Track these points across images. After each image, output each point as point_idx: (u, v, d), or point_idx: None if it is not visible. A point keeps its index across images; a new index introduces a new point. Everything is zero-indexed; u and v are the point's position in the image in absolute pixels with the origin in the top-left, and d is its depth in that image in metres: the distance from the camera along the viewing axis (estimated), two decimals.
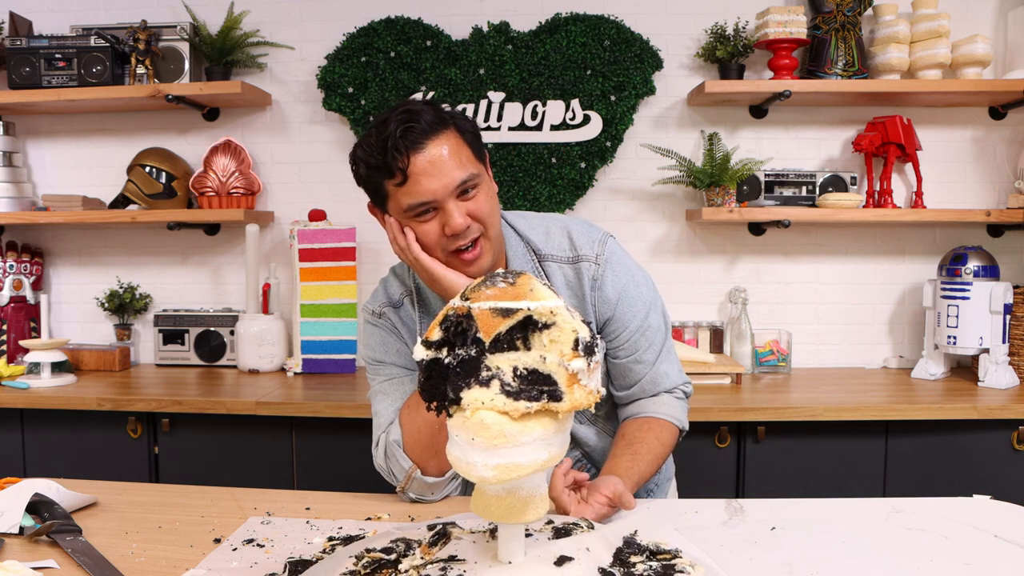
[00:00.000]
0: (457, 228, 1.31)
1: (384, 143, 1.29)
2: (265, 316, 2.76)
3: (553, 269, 1.46)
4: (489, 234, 1.36)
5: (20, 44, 2.73)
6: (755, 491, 2.28)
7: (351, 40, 2.79)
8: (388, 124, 1.30)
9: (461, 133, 1.34)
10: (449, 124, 1.33)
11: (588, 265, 1.45)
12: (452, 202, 1.31)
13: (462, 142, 1.34)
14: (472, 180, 1.32)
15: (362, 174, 1.36)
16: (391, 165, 1.29)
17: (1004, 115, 2.77)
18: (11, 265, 2.85)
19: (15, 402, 2.39)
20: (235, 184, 2.80)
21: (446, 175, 1.30)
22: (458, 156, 1.31)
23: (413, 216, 1.33)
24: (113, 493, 1.35)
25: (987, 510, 1.27)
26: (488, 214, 1.35)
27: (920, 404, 2.27)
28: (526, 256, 1.46)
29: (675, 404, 1.49)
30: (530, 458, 0.88)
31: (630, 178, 2.84)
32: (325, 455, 2.34)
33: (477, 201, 1.33)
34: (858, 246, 2.85)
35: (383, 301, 1.50)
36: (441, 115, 1.33)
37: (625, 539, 1.07)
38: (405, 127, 1.29)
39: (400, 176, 1.30)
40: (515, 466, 0.88)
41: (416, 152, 1.29)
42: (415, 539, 1.07)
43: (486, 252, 1.37)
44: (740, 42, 2.66)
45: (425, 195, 1.30)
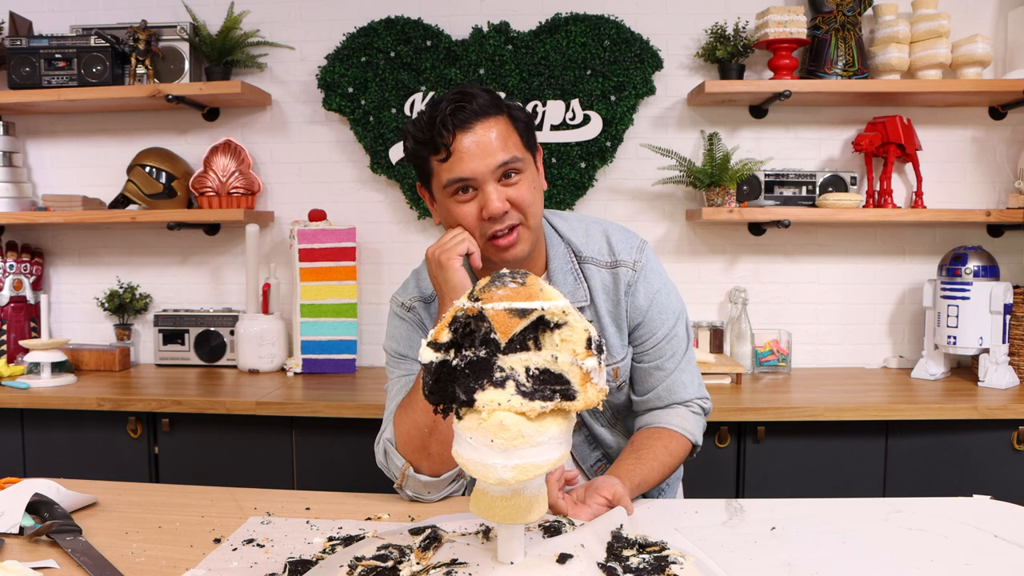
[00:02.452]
0: (494, 211, 1.31)
1: (433, 119, 1.31)
2: (265, 316, 2.76)
3: (592, 272, 1.47)
4: (528, 223, 1.36)
5: (20, 44, 2.73)
6: (755, 491, 2.28)
7: (351, 40, 2.79)
8: (441, 103, 1.32)
9: (513, 121, 1.35)
10: (503, 111, 1.34)
11: (625, 271, 1.47)
12: (492, 184, 1.31)
13: (512, 129, 1.35)
14: (515, 164, 1.32)
15: (409, 148, 1.37)
16: (437, 141, 1.31)
17: (1004, 115, 2.77)
18: (11, 265, 2.85)
19: (15, 402, 2.39)
20: (235, 184, 2.80)
21: (489, 156, 1.30)
22: (504, 140, 1.32)
23: (452, 194, 1.34)
24: (113, 493, 1.35)
25: (987, 510, 1.27)
26: (529, 203, 1.34)
27: (920, 404, 2.27)
28: (567, 256, 1.47)
29: (689, 417, 1.49)
30: (545, 457, 0.88)
31: (630, 178, 2.84)
32: (325, 455, 2.34)
33: (519, 188, 1.33)
34: (858, 246, 2.85)
35: (415, 295, 1.49)
36: (496, 101, 1.34)
37: (613, 534, 1.08)
38: (456, 106, 1.30)
39: (444, 152, 1.31)
40: (532, 466, 0.88)
41: (463, 131, 1.30)
42: (404, 544, 1.06)
43: (523, 241, 1.36)
44: (740, 42, 2.66)
45: (465, 171, 1.31)
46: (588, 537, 1.05)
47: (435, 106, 1.32)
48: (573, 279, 1.45)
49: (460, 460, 0.91)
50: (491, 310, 0.89)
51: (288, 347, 2.82)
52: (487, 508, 0.94)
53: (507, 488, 0.91)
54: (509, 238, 1.34)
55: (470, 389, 0.89)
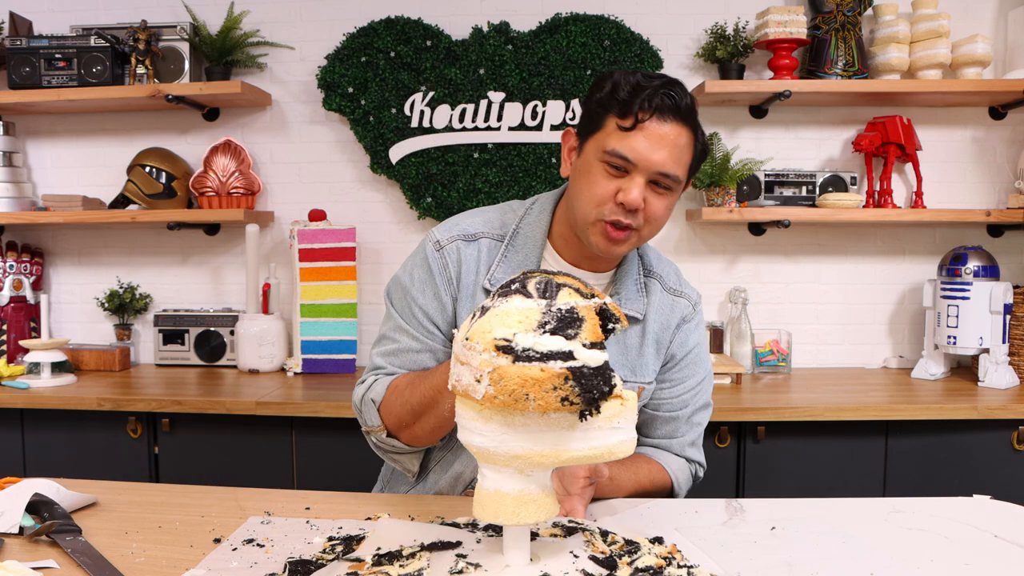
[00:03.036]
0: (632, 202, 1.27)
1: (643, 88, 1.26)
2: (265, 316, 2.76)
3: (655, 288, 1.46)
4: (643, 234, 1.33)
5: (20, 44, 2.73)
6: (755, 491, 2.28)
7: (351, 40, 2.79)
8: (654, 79, 1.27)
9: (696, 142, 1.32)
10: (695, 130, 1.31)
11: (685, 304, 1.47)
12: (643, 178, 1.28)
13: (691, 148, 1.31)
14: (672, 181, 1.29)
15: (602, 94, 1.30)
16: (632, 107, 1.26)
17: (1004, 115, 2.77)
18: (11, 265, 2.85)
19: (15, 402, 2.39)
20: (235, 184, 2.80)
21: (661, 155, 1.26)
22: (681, 153, 1.29)
23: (605, 161, 1.29)
24: (113, 493, 1.35)
25: (987, 510, 1.27)
26: (656, 219, 1.32)
27: (920, 404, 2.27)
28: (637, 267, 1.46)
29: (685, 470, 1.49)
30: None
31: None
32: (325, 455, 2.34)
33: (660, 201, 1.31)
34: (858, 246, 2.85)
35: (456, 233, 1.42)
36: (695, 117, 1.31)
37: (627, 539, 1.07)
38: (669, 93, 1.26)
39: (631, 121, 1.26)
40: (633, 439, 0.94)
41: (660, 118, 1.26)
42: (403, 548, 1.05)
43: (630, 243, 1.33)
44: (740, 42, 2.66)
45: (634, 154, 1.26)
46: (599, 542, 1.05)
47: (648, 77, 1.27)
48: (636, 290, 1.44)
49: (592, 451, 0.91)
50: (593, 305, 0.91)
51: (288, 347, 2.82)
52: (491, 510, 0.94)
53: (513, 488, 0.92)
54: (622, 233, 1.31)
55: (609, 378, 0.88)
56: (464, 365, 0.89)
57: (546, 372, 0.84)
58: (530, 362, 0.84)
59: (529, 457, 0.90)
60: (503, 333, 0.86)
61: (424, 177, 2.80)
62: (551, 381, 0.84)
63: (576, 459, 0.91)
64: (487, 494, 0.94)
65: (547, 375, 0.84)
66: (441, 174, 2.80)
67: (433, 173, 2.80)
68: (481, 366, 0.86)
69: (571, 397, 0.85)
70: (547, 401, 0.85)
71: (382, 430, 1.37)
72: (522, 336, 0.86)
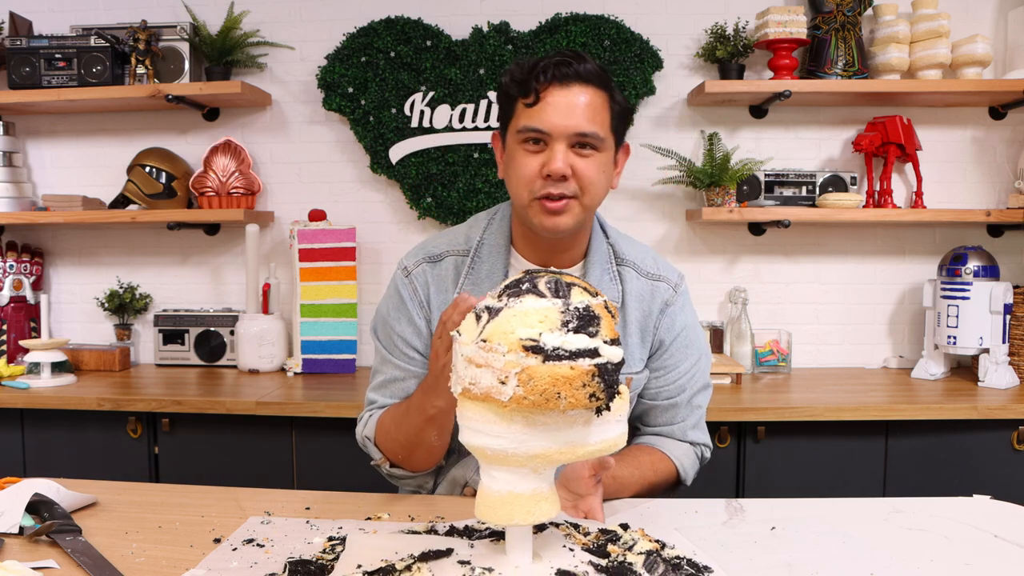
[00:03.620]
0: (556, 170, 1.27)
1: (536, 64, 1.29)
2: (265, 316, 2.76)
3: (630, 276, 1.45)
4: (584, 200, 1.32)
5: (20, 44, 2.73)
6: (755, 491, 2.28)
7: (351, 40, 2.79)
8: (554, 55, 1.30)
9: (611, 102, 1.32)
10: (607, 89, 1.32)
11: (665, 288, 1.46)
12: (562, 145, 1.28)
13: (606, 108, 1.31)
14: (593, 140, 1.29)
15: (503, 84, 1.34)
16: (531, 84, 1.28)
17: (1004, 115, 2.77)
18: (11, 265, 2.85)
19: (15, 402, 2.39)
20: (235, 184, 2.80)
21: (573, 118, 1.27)
22: (594, 112, 1.29)
23: (522, 140, 1.30)
24: (113, 493, 1.35)
25: (987, 510, 1.27)
26: (591, 182, 1.30)
27: (920, 404, 2.27)
28: (607, 254, 1.45)
29: (689, 455, 1.48)
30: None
31: (630, 178, 2.84)
32: (325, 455, 2.34)
33: (588, 163, 1.30)
34: (858, 246, 2.85)
35: (421, 256, 1.45)
36: (604, 77, 1.31)
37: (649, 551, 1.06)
38: (563, 59, 1.28)
39: (533, 97, 1.28)
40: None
41: (559, 85, 1.28)
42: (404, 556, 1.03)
43: (572, 214, 1.32)
44: (740, 42, 2.66)
45: (542, 123, 1.27)
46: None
47: (545, 57, 1.30)
48: (609, 278, 1.43)
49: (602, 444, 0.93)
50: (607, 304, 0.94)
51: (288, 347, 2.82)
52: (505, 511, 0.93)
53: (515, 488, 0.93)
54: (559, 203, 1.30)
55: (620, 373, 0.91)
56: (483, 367, 0.88)
57: (576, 370, 0.85)
58: (560, 361, 0.85)
59: (548, 455, 0.90)
60: (528, 333, 0.86)
61: (424, 177, 2.80)
62: (580, 379, 0.85)
63: (588, 454, 0.92)
64: (498, 496, 0.93)
65: (577, 373, 0.85)
66: (441, 174, 2.80)
67: (433, 173, 2.80)
68: (507, 367, 0.86)
69: (597, 393, 0.86)
70: (577, 398, 0.86)
71: (385, 462, 1.40)
72: (549, 335, 0.86)
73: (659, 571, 0.98)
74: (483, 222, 1.47)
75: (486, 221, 1.47)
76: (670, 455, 1.45)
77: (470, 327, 0.93)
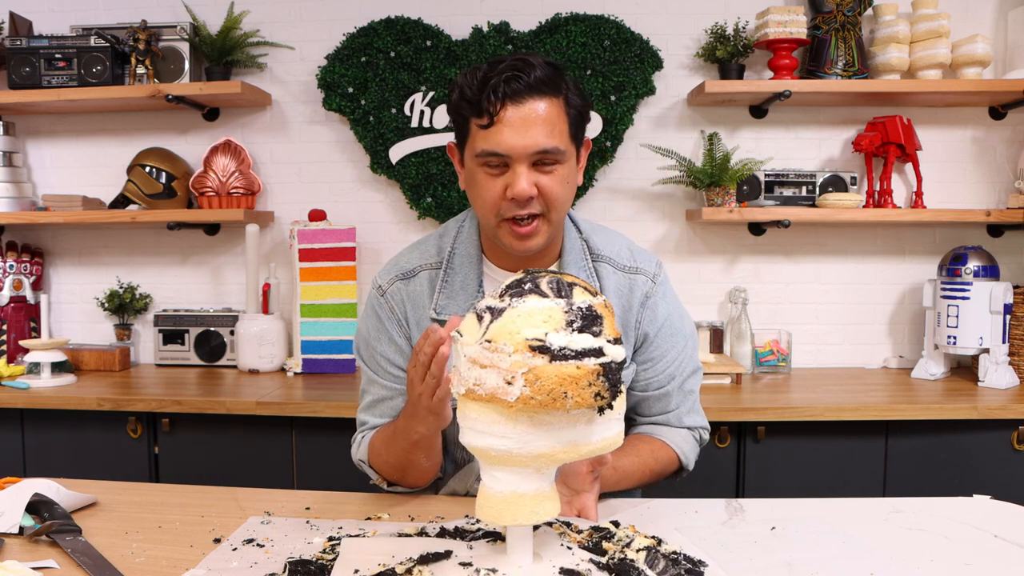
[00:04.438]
0: (519, 193, 1.24)
1: (487, 81, 1.24)
2: (265, 316, 2.76)
3: (607, 272, 1.43)
4: (550, 217, 1.30)
5: (20, 44, 2.73)
6: (755, 491, 2.28)
7: (351, 40, 2.79)
8: (499, 64, 1.25)
9: (567, 107, 1.28)
10: (560, 94, 1.27)
11: (644, 280, 1.44)
12: (524, 166, 1.25)
13: (563, 115, 1.27)
14: (554, 155, 1.26)
15: (454, 102, 1.30)
16: (483, 105, 1.24)
17: (1004, 115, 2.77)
18: (11, 265, 2.85)
19: (15, 402, 2.39)
20: (235, 184, 2.80)
21: (530, 137, 1.24)
22: (551, 125, 1.25)
23: (482, 164, 1.27)
24: (113, 493, 1.35)
25: (987, 510, 1.27)
26: (557, 197, 1.28)
27: (920, 404, 2.27)
28: (582, 251, 1.43)
29: (688, 440, 1.47)
30: None
31: (630, 178, 2.84)
32: (325, 455, 2.34)
33: (552, 179, 1.27)
34: (858, 246, 2.85)
35: (395, 274, 1.43)
36: (556, 81, 1.26)
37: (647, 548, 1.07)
38: (513, 74, 1.23)
39: (487, 119, 1.24)
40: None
41: (513, 102, 1.23)
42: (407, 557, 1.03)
43: (541, 233, 1.31)
44: (740, 42, 2.66)
45: (501, 147, 1.24)
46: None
47: (492, 66, 1.25)
48: (585, 276, 1.41)
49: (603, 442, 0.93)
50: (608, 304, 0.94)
51: (288, 347, 2.82)
52: (508, 512, 0.93)
53: (510, 489, 0.93)
54: (528, 227, 1.28)
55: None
56: (488, 368, 0.88)
57: (582, 369, 0.86)
58: (566, 360, 0.86)
59: (552, 455, 0.91)
60: (534, 333, 0.87)
61: (424, 177, 2.81)
62: (587, 378, 0.86)
63: (590, 452, 0.92)
64: (501, 497, 0.93)
65: (583, 372, 0.86)
66: (441, 174, 2.79)
67: (433, 173, 2.80)
68: (513, 367, 0.86)
69: (602, 392, 0.87)
70: (583, 397, 0.86)
71: (383, 481, 1.40)
72: (554, 335, 0.86)
73: (660, 567, 0.98)
74: (453, 232, 1.45)
75: (455, 230, 1.45)
76: (669, 442, 1.44)
77: (472, 328, 0.92)
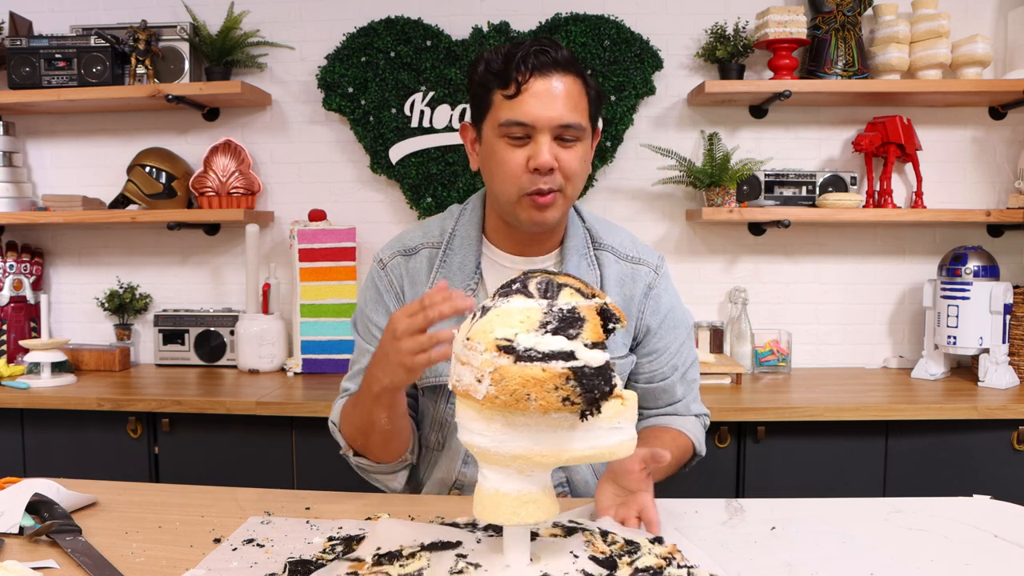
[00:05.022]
0: (543, 163, 1.25)
1: (514, 54, 1.26)
2: (265, 316, 2.76)
3: (608, 260, 1.43)
4: (567, 192, 1.31)
5: (20, 44, 2.73)
6: (755, 491, 2.28)
7: (351, 40, 2.79)
8: (525, 43, 1.28)
9: (586, 87, 1.31)
10: (580, 74, 1.30)
11: (646, 271, 1.45)
12: (547, 136, 1.26)
13: (583, 95, 1.30)
14: (577, 131, 1.28)
15: (478, 75, 1.31)
16: (511, 74, 1.25)
17: (1004, 115, 2.77)
18: (11, 265, 2.85)
19: (15, 402, 2.39)
20: (235, 184, 2.80)
21: (556, 109, 1.26)
22: (576, 102, 1.28)
23: (505, 134, 1.28)
24: (113, 493, 1.35)
25: (987, 510, 1.26)
26: (574, 173, 1.30)
27: (920, 404, 2.27)
28: (584, 239, 1.44)
29: (698, 427, 1.49)
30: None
31: (630, 178, 2.84)
32: (325, 455, 2.33)
33: (571, 154, 1.29)
34: (858, 246, 2.85)
35: (396, 249, 1.45)
36: (576, 64, 1.30)
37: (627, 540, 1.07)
38: (541, 48, 1.26)
39: (514, 88, 1.26)
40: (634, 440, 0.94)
41: (540, 75, 1.26)
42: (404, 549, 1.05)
43: (558, 207, 1.31)
44: (740, 42, 2.66)
45: (528, 117, 1.25)
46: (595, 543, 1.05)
47: (518, 44, 1.28)
48: (587, 264, 1.42)
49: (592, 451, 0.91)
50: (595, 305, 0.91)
51: (288, 347, 2.82)
52: (491, 510, 0.94)
53: (509, 488, 0.92)
54: (549, 198, 1.29)
55: (610, 377, 0.88)
56: (465, 365, 0.90)
57: (548, 372, 0.84)
58: (532, 362, 0.85)
59: (530, 457, 0.90)
60: (504, 333, 0.86)
61: (424, 177, 2.81)
62: (552, 381, 0.84)
63: (577, 459, 0.91)
64: (487, 494, 0.94)
65: (548, 375, 0.84)
66: (441, 174, 2.80)
67: (433, 173, 2.80)
68: (482, 366, 0.87)
69: (572, 397, 0.85)
70: (548, 401, 0.85)
71: (349, 450, 1.38)
72: (524, 336, 0.86)
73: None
74: (456, 213, 1.47)
75: (459, 211, 1.46)
76: (684, 431, 1.45)
77: (464, 324, 0.94)
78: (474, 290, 1.40)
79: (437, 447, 1.46)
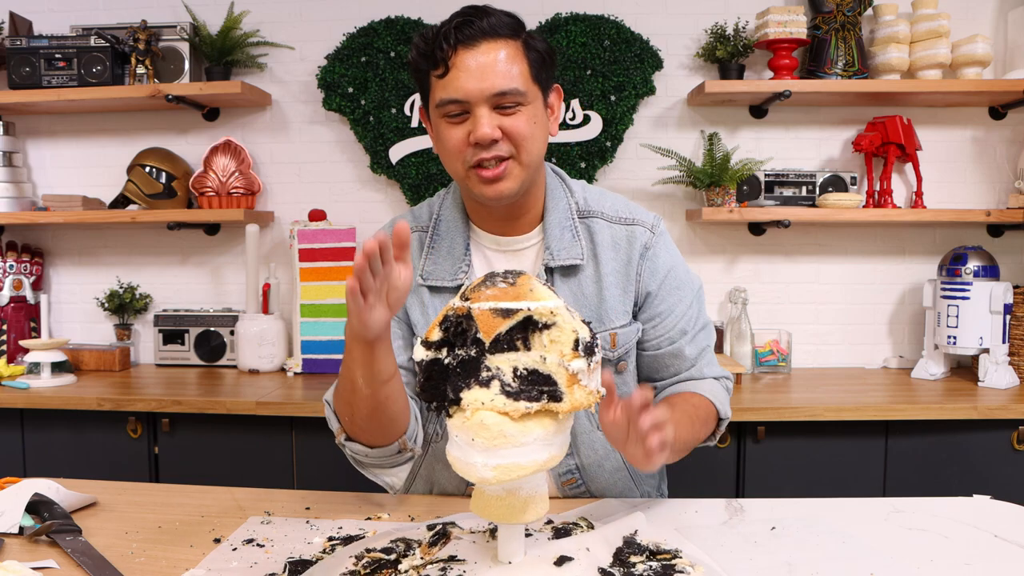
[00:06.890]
0: (481, 137, 1.22)
1: (439, 31, 1.24)
2: (265, 316, 2.76)
3: (600, 226, 1.38)
4: (521, 159, 1.27)
5: (20, 44, 2.73)
6: (755, 491, 2.28)
7: (351, 40, 2.79)
8: (456, 16, 1.25)
9: (527, 49, 1.26)
10: (518, 36, 1.26)
11: (642, 231, 1.39)
12: (484, 109, 1.23)
13: (522, 57, 1.26)
14: (515, 96, 1.24)
15: (412, 60, 1.30)
16: (436, 55, 1.23)
17: (1004, 115, 2.77)
18: (11, 265, 2.85)
19: (15, 402, 2.39)
20: (235, 184, 2.80)
21: (487, 79, 1.22)
22: (509, 67, 1.23)
23: (444, 114, 1.26)
24: (113, 493, 1.35)
25: (987, 510, 1.27)
26: (525, 136, 1.26)
27: (920, 404, 2.27)
28: (567, 211, 1.39)
29: (719, 389, 1.41)
30: (530, 458, 0.88)
31: (630, 178, 2.84)
32: (325, 455, 2.34)
33: (516, 119, 1.25)
34: (858, 246, 2.85)
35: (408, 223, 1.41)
36: (513, 25, 1.26)
37: (625, 539, 1.07)
38: (464, 20, 1.23)
39: (442, 68, 1.23)
40: (515, 466, 0.88)
41: (465, 48, 1.22)
42: (415, 539, 1.07)
43: (512, 177, 1.27)
44: (740, 42, 2.66)
45: (458, 92, 1.23)
46: (596, 541, 1.04)
47: (446, 21, 1.25)
48: (570, 236, 1.37)
49: (449, 458, 0.92)
50: (477, 310, 0.90)
51: (288, 347, 2.82)
52: (484, 507, 0.94)
53: (500, 487, 0.92)
54: (496, 170, 1.25)
55: (458, 388, 0.90)
56: None
57: None
58: None
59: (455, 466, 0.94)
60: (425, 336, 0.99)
61: (424, 177, 2.80)
62: None
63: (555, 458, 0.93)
64: (496, 496, 0.94)
65: None
66: (441, 174, 2.79)
67: (433, 173, 2.80)
68: None
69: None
70: None
71: (341, 432, 1.27)
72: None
73: None
74: (440, 197, 1.45)
75: (442, 196, 1.45)
76: (702, 394, 1.37)
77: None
78: (466, 273, 1.38)
79: (431, 438, 1.43)
